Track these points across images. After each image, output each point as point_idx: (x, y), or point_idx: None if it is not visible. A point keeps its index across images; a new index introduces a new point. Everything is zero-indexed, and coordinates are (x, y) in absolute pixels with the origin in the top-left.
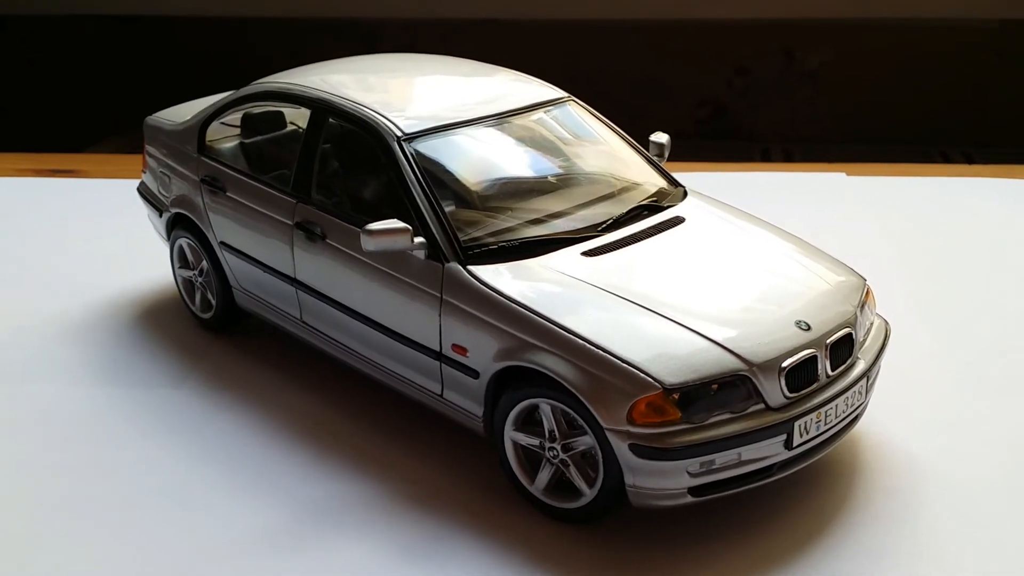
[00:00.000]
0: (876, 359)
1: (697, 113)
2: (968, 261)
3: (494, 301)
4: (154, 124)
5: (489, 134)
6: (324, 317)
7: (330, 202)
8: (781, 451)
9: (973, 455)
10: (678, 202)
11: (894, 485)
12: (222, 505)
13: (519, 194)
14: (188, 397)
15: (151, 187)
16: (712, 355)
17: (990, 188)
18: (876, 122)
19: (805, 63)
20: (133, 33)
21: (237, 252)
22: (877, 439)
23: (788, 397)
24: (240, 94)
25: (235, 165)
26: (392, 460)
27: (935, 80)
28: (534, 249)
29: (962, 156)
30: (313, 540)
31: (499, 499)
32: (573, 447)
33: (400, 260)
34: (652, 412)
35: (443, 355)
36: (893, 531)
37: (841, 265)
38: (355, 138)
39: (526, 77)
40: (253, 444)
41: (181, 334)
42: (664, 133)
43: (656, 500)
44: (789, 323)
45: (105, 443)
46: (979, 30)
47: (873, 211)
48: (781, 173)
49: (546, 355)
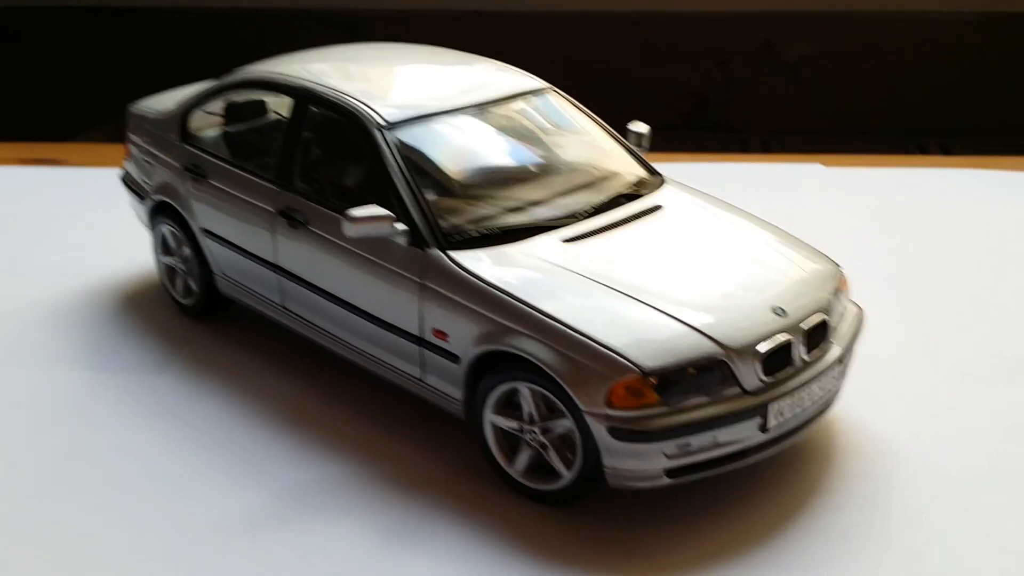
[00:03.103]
0: (850, 345)
1: (679, 105)
2: (942, 249)
3: (474, 287)
4: (137, 112)
5: (470, 123)
6: (306, 303)
7: (312, 189)
8: (756, 434)
9: (946, 440)
10: (657, 191)
11: (867, 469)
12: (206, 488)
13: (500, 182)
14: (171, 382)
15: (134, 175)
16: (689, 340)
17: (965, 178)
18: (855, 114)
19: (785, 56)
20: (117, 24)
21: (219, 239)
22: (851, 424)
23: (763, 381)
24: (223, 83)
25: (217, 153)
26: (374, 444)
27: (914, 73)
28: (515, 236)
29: (939, 148)
30: (297, 522)
31: (479, 481)
32: (552, 430)
33: (381, 247)
34: (630, 395)
35: (424, 340)
36: (866, 513)
37: (816, 253)
38: (337, 126)
39: (507, 67)
40: (236, 428)
41: (163, 321)
42: (643, 123)
43: (633, 482)
44: (765, 309)
45: (88, 428)
46: (957, 23)
47: (849, 201)
48: (759, 164)
49: (526, 340)
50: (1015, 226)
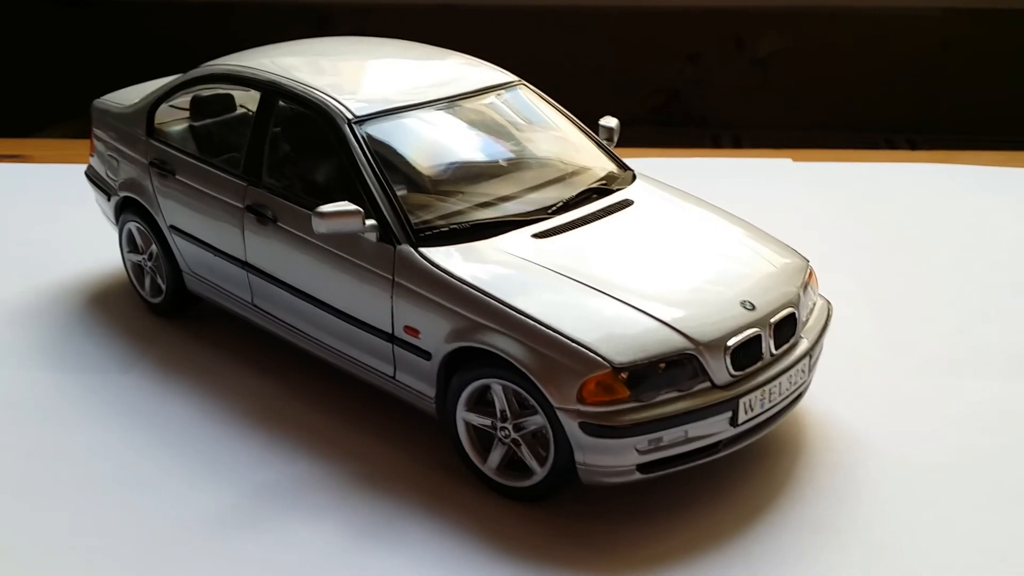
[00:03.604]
0: (819, 338)
1: (650, 100)
2: (909, 243)
3: (445, 283)
4: (102, 107)
5: (440, 117)
6: (276, 300)
7: (281, 185)
8: (727, 428)
9: (914, 433)
10: (627, 185)
11: (836, 461)
12: (176, 489)
13: (470, 177)
14: (138, 382)
15: (99, 171)
16: (660, 335)
17: (930, 172)
18: (824, 109)
19: (756, 51)
20: (86, 16)
21: (187, 236)
22: (820, 417)
23: (733, 375)
24: (189, 76)
25: (184, 148)
26: (345, 442)
27: (882, 68)
28: (485, 231)
29: (907, 143)
30: (268, 522)
31: (451, 479)
32: (524, 427)
33: (351, 243)
34: (601, 391)
35: (395, 337)
36: (835, 506)
37: (785, 247)
38: (306, 121)
39: (477, 61)
40: (205, 428)
41: (130, 319)
42: (613, 117)
43: (606, 477)
44: (734, 303)
45: (55, 428)
46: (924, 18)
47: (817, 195)
48: (729, 159)
49: (497, 336)
50: (980, 219)
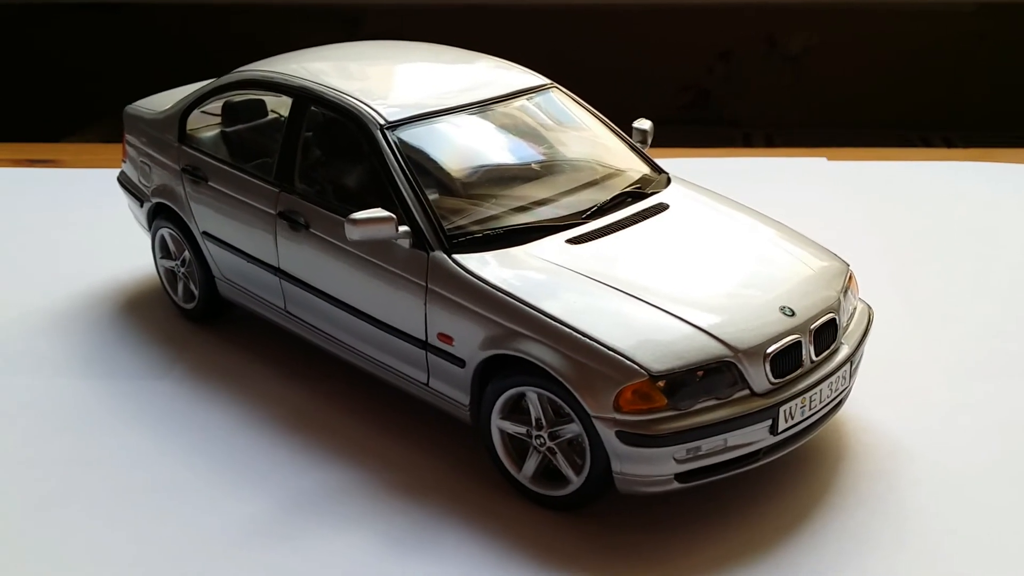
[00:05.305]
0: (859, 344)
1: (680, 99)
2: (949, 244)
3: (479, 290)
4: (134, 113)
5: (472, 122)
6: (308, 307)
7: (313, 191)
8: (767, 436)
9: (957, 439)
10: (662, 189)
11: (878, 469)
12: (211, 496)
13: (503, 182)
14: (172, 388)
15: (131, 176)
16: (697, 342)
17: (969, 171)
18: (857, 107)
19: (787, 48)
20: (113, 20)
21: (220, 242)
22: (861, 424)
23: (773, 383)
24: (221, 82)
25: (216, 154)
26: (379, 449)
27: (916, 65)
28: (519, 237)
29: (942, 141)
30: (303, 530)
31: (486, 487)
32: (560, 435)
33: (384, 249)
34: (638, 399)
35: (429, 344)
36: (877, 515)
37: (823, 250)
38: (337, 126)
39: (508, 64)
40: (239, 434)
41: (164, 325)
42: (647, 120)
43: (643, 487)
44: (773, 309)
45: (89, 435)
46: (959, 14)
47: (854, 195)
48: (762, 158)
49: (532, 343)
50: (1018, 220)
